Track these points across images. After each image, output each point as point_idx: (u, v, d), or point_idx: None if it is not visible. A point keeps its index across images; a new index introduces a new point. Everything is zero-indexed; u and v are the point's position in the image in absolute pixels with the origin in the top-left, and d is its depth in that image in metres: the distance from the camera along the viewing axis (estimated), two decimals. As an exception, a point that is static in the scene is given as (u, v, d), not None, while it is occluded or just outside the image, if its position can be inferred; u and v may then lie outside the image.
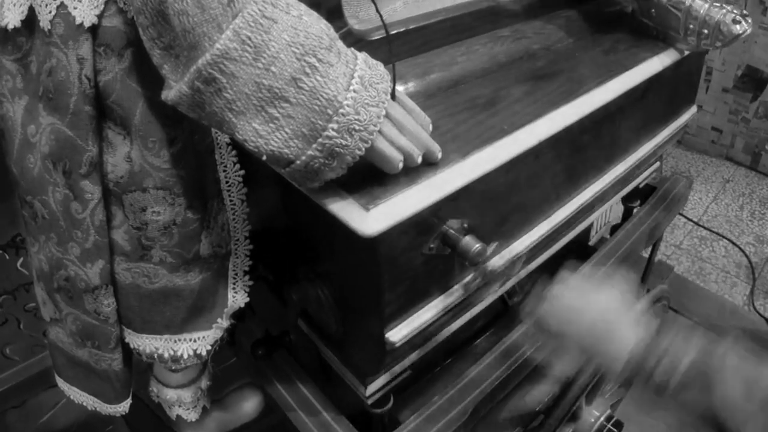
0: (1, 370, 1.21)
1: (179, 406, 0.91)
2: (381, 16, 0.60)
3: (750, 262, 2.23)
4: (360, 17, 0.75)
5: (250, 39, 0.49)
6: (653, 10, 0.96)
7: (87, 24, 0.58)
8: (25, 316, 1.21)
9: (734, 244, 2.32)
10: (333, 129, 0.52)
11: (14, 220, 1.11)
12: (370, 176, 0.60)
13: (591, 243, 1.52)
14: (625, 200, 1.34)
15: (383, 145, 0.56)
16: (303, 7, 0.52)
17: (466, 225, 0.67)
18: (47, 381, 1.27)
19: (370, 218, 0.56)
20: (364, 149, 0.54)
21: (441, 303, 0.72)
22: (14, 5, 0.60)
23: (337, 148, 0.53)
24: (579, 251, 1.32)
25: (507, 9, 0.92)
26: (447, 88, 0.79)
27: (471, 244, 0.64)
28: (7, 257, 1.14)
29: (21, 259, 1.17)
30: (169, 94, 0.54)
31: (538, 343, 0.94)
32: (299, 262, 0.80)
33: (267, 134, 0.52)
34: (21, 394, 1.26)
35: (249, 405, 1.03)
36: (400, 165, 0.58)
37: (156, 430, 1.43)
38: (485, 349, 1.00)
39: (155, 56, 0.54)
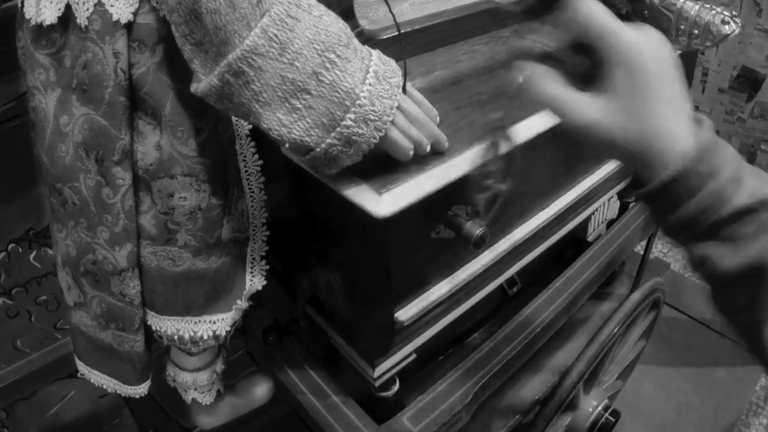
0: (12, 362, 1.23)
1: (195, 389, 0.94)
2: (393, 15, 0.65)
3: (745, 259, 2.27)
4: (370, 18, 0.80)
5: (276, 36, 0.54)
6: (646, 12, 1.00)
7: (123, 21, 0.62)
8: (36, 309, 1.22)
9: (729, 242, 2.36)
10: (350, 119, 0.57)
11: (28, 214, 1.14)
12: (382, 164, 0.64)
13: (589, 239, 1.56)
14: (621, 196, 1.38)
15: (396, 135, 0.61)
16: (323, 7, 0.57)
17: (469, 210, 0.72)
18: (56, 373, 1.28)
19: (382, 202, 0.61)
20: (378, 138, 0.59)
21: (446, 285, 0.76)
22: (51, 3, 0.65)
23: (354, 137, 0.58)
24: (577, 246, 1.36)
25: (507, 10, 0.96)
26: (451, 85, 0.83)
27: (474, 228, 0.69)
28: (20, 250, 1.16)
29: (34, 253, 1.19)
30: (198, 87, 0.59)
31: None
32: (310, 250, 0.84)
33: (290, 123, 0.57)
34: (30, 385, 1.28)
35: (260, 390, 1.06)
36: (411, 153, 0.63)
37: (161, 422, 1.46)
38: (486, 338, 1.04)
39: (186, 51, 0.58)
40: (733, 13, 0.94)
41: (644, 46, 0.50)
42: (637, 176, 0.52)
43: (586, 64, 0.52)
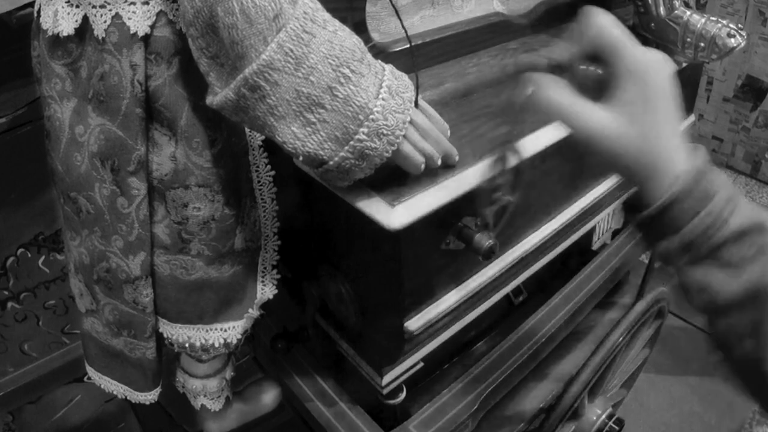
0: (19, 366, 1.23)
1: (204, 395, 0.95)
2: (405, 29, 0.66)
3: (749, 268, 2.27)
4: (381, 31, 0.81)
5: (292, 51, 0.55)
6: (653, 24, 1.01)
7: (140, 33, 0.63)
8: (44, 314, 1.22)
9: (733, 250, 2.36)
10: (364, 133, 0.58)
11: (37, 218, 1.15)
12: (394, 177, 0.65)
13: (594, 248, 1.57)
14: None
15: (408, 149, 0.62)
16: (337, 23, 0.58)
17: (479, 222, 0.73)
18: (63, 378, 1.29)
19: (395, 214, 0.62)
20: (390, 152, 0.60)
21: (455, 295, 0.77)
22: (68, 14, 0.65)
23: (367, 151, 0.59)
24: (582, 255, 1.37)
25: (515, 23, 0.97)
26: (460, 97, 0.85)
27: (484, 239, 0.69)
28: (29, 255, 1.17)
29: (42, 257, 1.20)
30: (214, 99, 0.60)
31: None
32: (321, 259, 0.85)
33: (304, 137, 0.58)
34: (37, 390, 1.28)
35: (268, 397, 1.06)
36: (422, 167, 0.64)
37: (167, 427, 1.46)
38: (491, 347, 1.05)
39: (202, 64, 0.60)
40: (739, 25, 0.95)
41: (653, 63, 0.51)
42: (636, 194, 0.53)
43: (596, 75, 0.53)
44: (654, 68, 0.50)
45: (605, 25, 0.51)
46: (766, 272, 0.49)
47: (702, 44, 0.96)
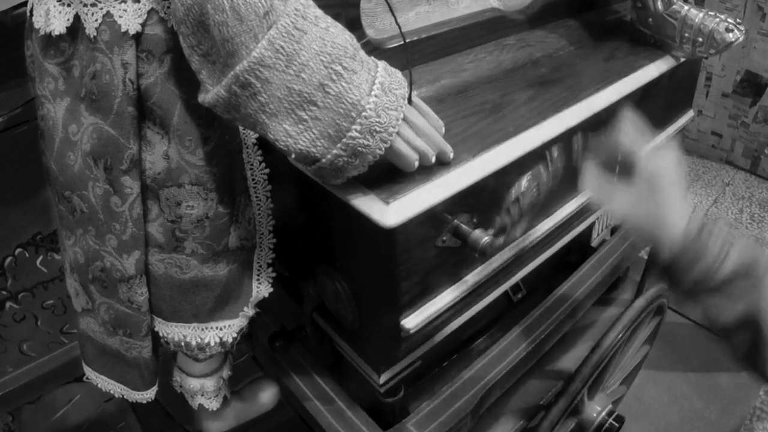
0: (18, 366, 1.23)
1: (202, 395, 0.94)
2: (399, 26, 0.65)
3: (749, 264, 2.27)
4: (376, 27, 0.81)
5: (283, 48, 0.54)
6: (650, 19, 1.01)
7: (132, 32, 0.62)
8: (42, 314, 1.23)
9: (734, 246, 2.36)
10: (356, 130, 0.57)
11: (35, 218, 1.15)
12: (388, 174, 0.65)
13: (593, 244, 1.56)
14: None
15: (401, 146, 0.61)
16: (329, 19, 0.58)
17: (475, 219, 0.72)
18: (62, 377, 1.29)
19: (390, 211, 0.62)
20: (384, 149, 0.60)
21: (452, 293, 0.77)
22: (60, 13, 0.65)
23: (359, 148, 0.58)
24: (581, 252, 1.36)
25: (512, 19, 0.97)
26: (456, 94, 0.84)
27: (480, 236, 0.69)
28: (27, 255, 1.17)
29: (40, 257, 1.20)
30: (206, 97, 0.59)
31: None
32: (317, 258, 0.84)
33: (296, 134, 0.58)
34: (36, 390, 1.28)
35: (266, 396, 1.06)
36: (416, 164, 0.64)
37: (167, 426, 1.46)
38: (490, 345, 1.05)
39: (194, 62, 0.59)
40: (737, 20, 0.95)
41: (658, 168, 0.68)
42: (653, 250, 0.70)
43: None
44: (657, 170, 0.68)
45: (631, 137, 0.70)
46: (757, 303, 0.63)
47: (700, 39, 0.96)
